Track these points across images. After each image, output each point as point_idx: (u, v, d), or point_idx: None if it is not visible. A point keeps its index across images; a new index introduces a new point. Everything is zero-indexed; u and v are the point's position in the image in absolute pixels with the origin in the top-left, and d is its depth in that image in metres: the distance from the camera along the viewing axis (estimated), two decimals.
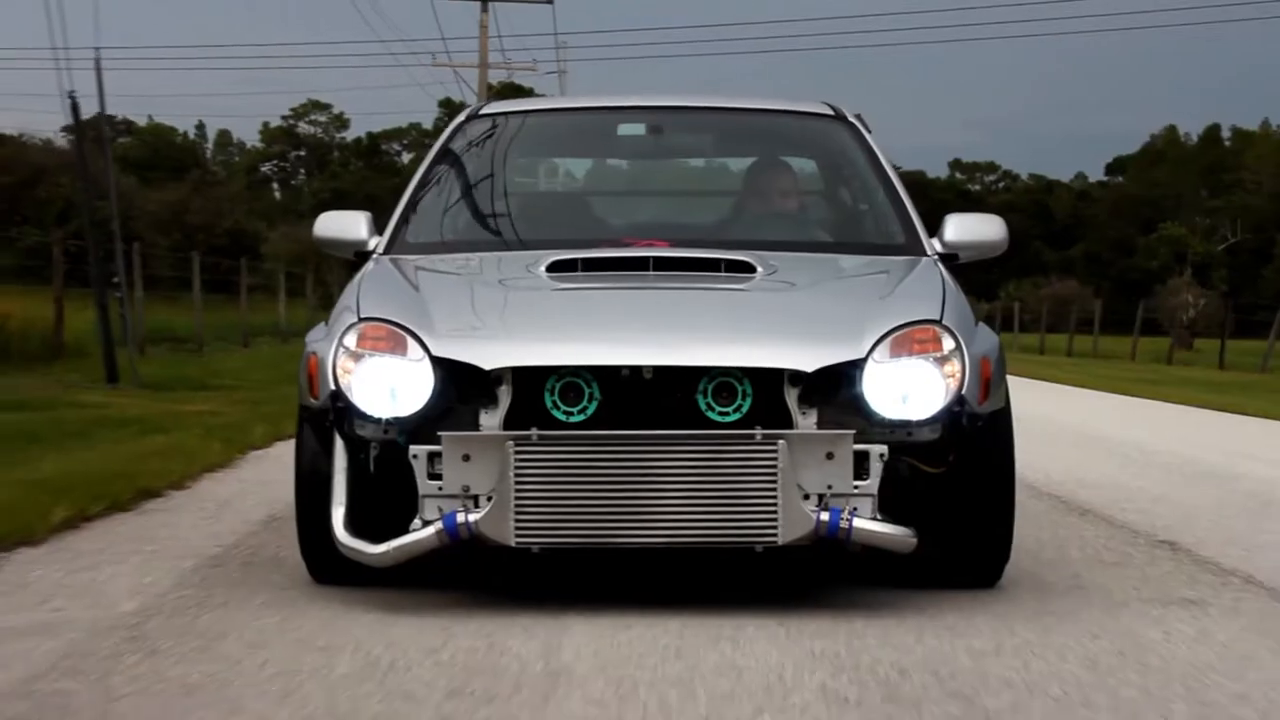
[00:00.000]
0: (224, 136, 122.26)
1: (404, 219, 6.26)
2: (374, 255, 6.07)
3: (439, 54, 50.88)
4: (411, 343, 5.05)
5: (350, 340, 5.12)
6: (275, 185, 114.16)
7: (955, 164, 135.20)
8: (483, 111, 6.83)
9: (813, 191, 6.83)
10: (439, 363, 5.00)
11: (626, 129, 7.02)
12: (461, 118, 6.78)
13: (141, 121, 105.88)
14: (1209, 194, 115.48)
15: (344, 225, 6.23)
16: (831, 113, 6.79)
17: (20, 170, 58.25)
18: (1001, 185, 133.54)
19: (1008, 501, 5.38)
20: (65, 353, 20.63)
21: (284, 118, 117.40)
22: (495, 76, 52.89)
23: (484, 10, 48.92)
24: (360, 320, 5.18)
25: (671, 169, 7.56)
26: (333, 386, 5.08)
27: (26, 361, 17.76)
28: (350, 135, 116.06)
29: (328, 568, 5.29)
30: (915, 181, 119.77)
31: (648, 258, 5.72)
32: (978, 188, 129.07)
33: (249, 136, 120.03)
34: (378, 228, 6.20)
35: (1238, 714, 3.90)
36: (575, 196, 7.09)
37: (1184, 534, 7.03)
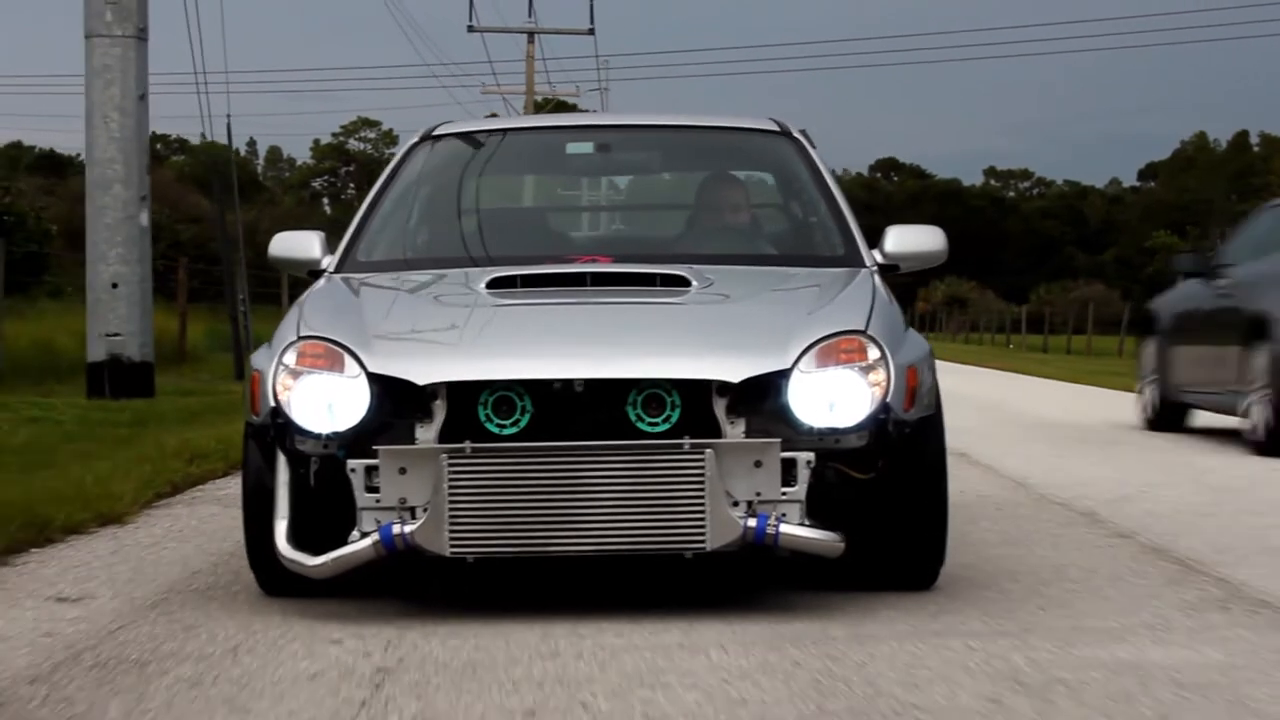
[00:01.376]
0: (274, 153, 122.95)
1: (355, 238, 6.29)
2: (325, 273, 6.10)
3: (488, 82, 53.24)
4: (348, 360, 5.07)
5: (289, 358, 5.15)
6: (326, 200, 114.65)
7: (990, 171, 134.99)
8: (436, 132, 6.84)
9: (758, 206, 6.84)
10: (375, 379, 5.03)
11: (575, 148, 7.03)
12: (415, 138, 6.79)
13: (194, 139, 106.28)
14: (1238, 199, 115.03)
15: (298, 244, 6.28)
16: (777, 129, 6.79)
17: None
18: (1035, 191, 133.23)
19: (939, 505, 5.37)
20: (187, 358, 23.76)
21: (334, 135, 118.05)
22: (540, 93, 53.62)
23: (530, 41, 50.18)
24: (299, 338, 5.21)
25: (620, 186, 7.57)
26: (273, 403, 5.10)
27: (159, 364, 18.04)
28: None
29: (275, 580, 5.31)
30: (949, 190, 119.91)
31: (585, 273, 5.74)
32: (1012, 194, 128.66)
33: (300, 153, 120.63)
34: (331, 247, 6.24)
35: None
36: (524, 214, 7.12)
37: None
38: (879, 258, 6.15)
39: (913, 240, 6.21)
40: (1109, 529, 7.12)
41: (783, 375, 5.02)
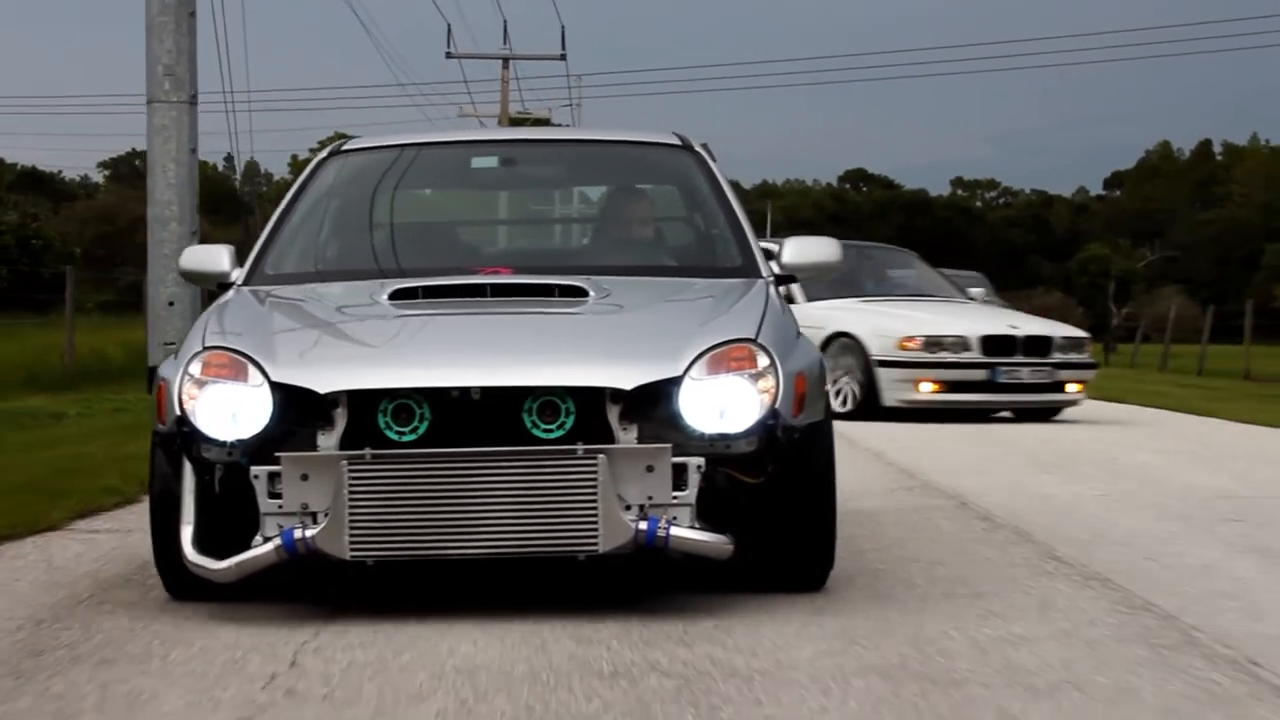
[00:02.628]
0: (252, 168, 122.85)
1: (263, 251, 6.37)
2: (234, 286, 6.17)
3: (465, 104, 55.32)
4: (252, 369, 5.14)
5: (195, 368, 5.22)
6: None
7: (957, 181, 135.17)
8: (344, 148, 6.92)
9: (660, 218, 6.91)
10: (278, 388, 5.10)
11: (480, 162, 7.10)
12: (324, 154, 6.86)
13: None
14: (1201, 207, 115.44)
15: (208, 258, 6.35)
16: (679, 143, 6.88)
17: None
18: (1002, 201, 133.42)
19: (828, 509, 5.44)
20: None
21: (311, 150, 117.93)
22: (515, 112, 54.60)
23: (505, 67, 51.13)
24: (204, 349, 5.28)
25: (525, 199, 7.65)
26: (179, 412, 5.17)
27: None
28: None
29: (182, 585, 5.37)
30: (917, 200, 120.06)
31: (485, 285, 5.82)
32: (979, 204, 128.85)
33: (277, 169, 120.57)
34: (241, 260, 6.30)
35: None
36: (430, 227, 7.17)
37: None
38: (776, 268, 6.23)
39: (809, 251, 6.30)
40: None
41: (674, 383, 5.09)
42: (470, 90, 71.97)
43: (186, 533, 5.15)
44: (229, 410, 5.12)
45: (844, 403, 15.85)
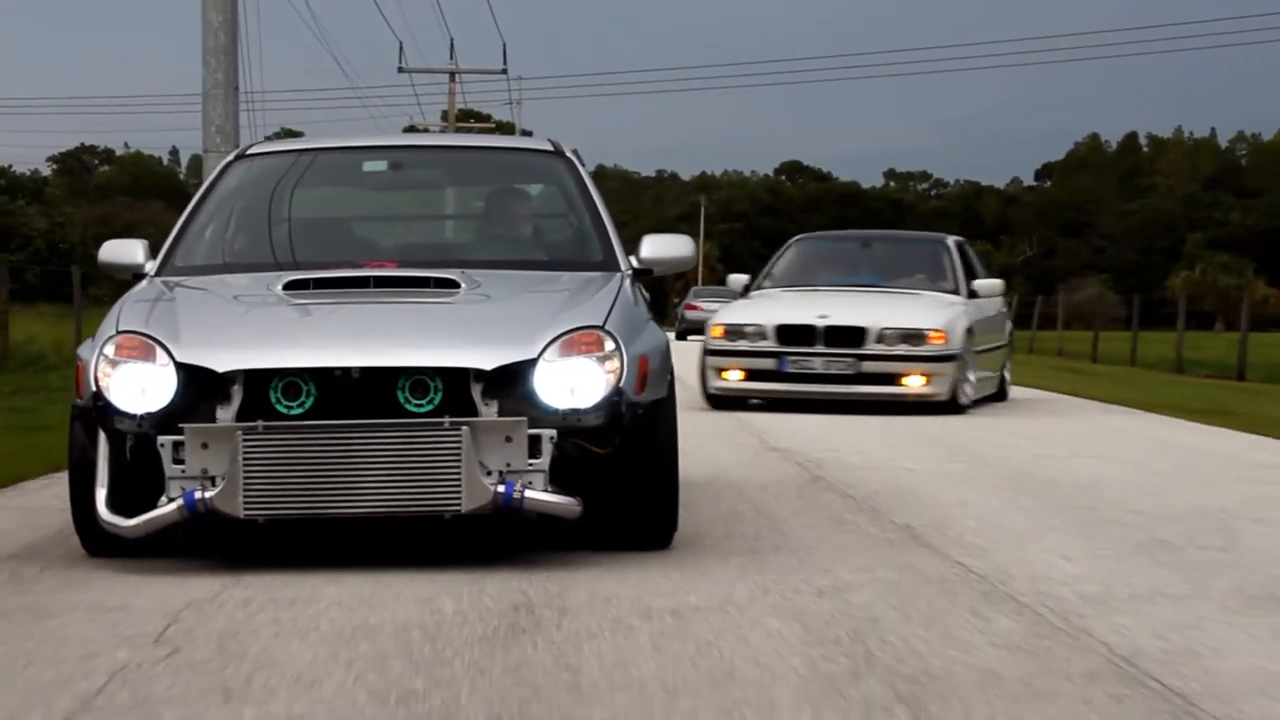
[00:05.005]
0: (197, 161, 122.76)
1: (174, 245, 6.96)
2: (147, 277, 6.76)
3: (414, 114, 59.81)
4: (159, 351, 5.73)
5: (109, 349, 5.81)
6: None
7: (889, 173, 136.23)
8: (249, 151, 7.52)
9: (533, 217, 7.51)
10: (182, 367, 5.69)
11: (370, 165, 7.69)
12: (230, 157, 7.47)
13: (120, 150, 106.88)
14: (1127, 197, 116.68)
15: (124, 251, 6.95)
16: (552, 149, 7.50)
17: None
18: (934, 192, 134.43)
19: (671, 476, 6.06)
20: None
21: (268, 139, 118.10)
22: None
23: (452, 80, 55.05)
24: (117, 333, 5.88)
25: (413, 199, 8.24)
26: (95, 388, 5.76)
27: None
28: None
29: (97, 542, 5.94)
30: (849, 192, 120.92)
31: (369, 277, 6.43)
32: (911, 196, 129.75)
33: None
34: (154, 253, 6.89)
35: None
36: (325, 224, 7.73)
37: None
38: (635, 263, 6.86)
39: (665, 247, 6.93)
40: None
41: (530, 364, 5.71)
42: (419, 99, 76.68)
43: (101, 495, 5.73)
44: (139, 387, 5.71)
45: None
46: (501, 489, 5.55)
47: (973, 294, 16.29)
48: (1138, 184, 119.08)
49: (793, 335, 15.03)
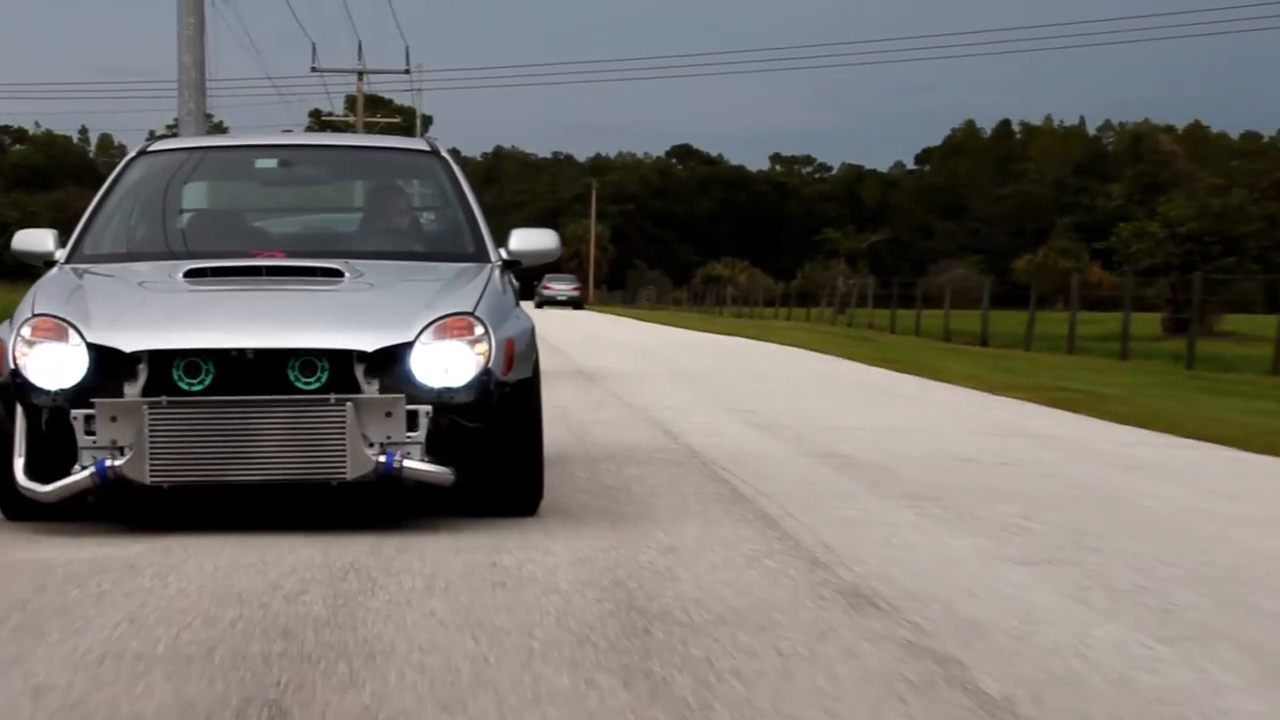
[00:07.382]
0: (106, 140, 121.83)
1: (82, 235, 7.36)
2: (58, 264, 7.17)
3: (324, 108, 65.65)
4: (72, 332, 6.15)
5: (26, 331, 6.23)
6: None
7: (775, 157, 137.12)
8: (150, 149, 7.93)
9: (410, 211, 7.98)
10: (93, 347, 6.12)
11: (262, 162, 8.13)
12: (133, 153, 7.87)
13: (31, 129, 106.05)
14: (1001, 182, 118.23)
15: (35, 240, 7.33)
16: (429, 149, 7.98)
17: None
18: (817, 176, 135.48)
19: (536, 449, 6.54)
20: None
21: (169, 126, 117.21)
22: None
23: (359, 79, 61.55)
24: (33, 315, 6.29)
25: (302, 193, 8.66)
26: (12, 366, 6.17)
27: None
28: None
29: (14, 507, 6.34)
30: (736, 176, 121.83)
31: (262, 266, 6.88)
32: (794, 180, 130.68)
33: (134, 142, 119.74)
34: (63, 242, 7.29)
35: None
36: (221, 216, 8.16)
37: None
38: (504, 255, 7.35)
39: (531, 240, 7.41)
40: None
41: (407, 346, 6.19)
42: (328, 91, 79.68)
43: (19, 464, 6.16)
44: (53, 365, 6.12)
45: None
46: (382, 459, 6.01)
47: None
48: (1011, 169, 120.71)
49: None
